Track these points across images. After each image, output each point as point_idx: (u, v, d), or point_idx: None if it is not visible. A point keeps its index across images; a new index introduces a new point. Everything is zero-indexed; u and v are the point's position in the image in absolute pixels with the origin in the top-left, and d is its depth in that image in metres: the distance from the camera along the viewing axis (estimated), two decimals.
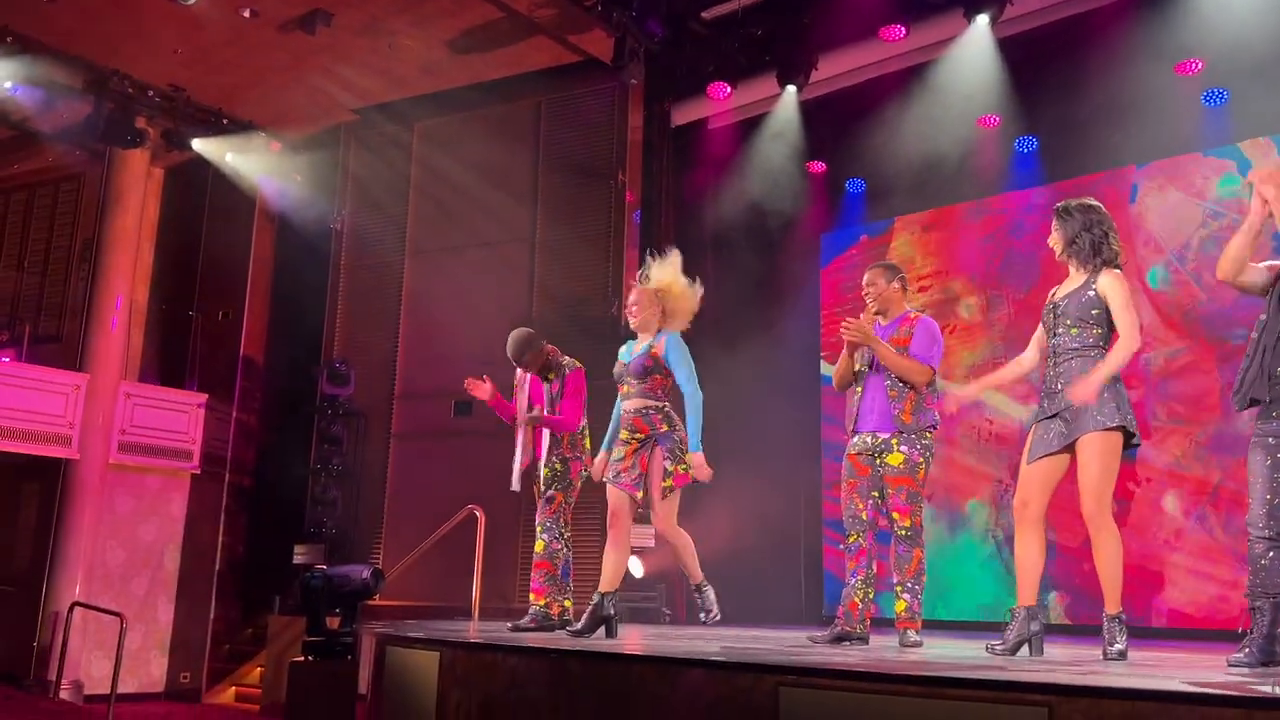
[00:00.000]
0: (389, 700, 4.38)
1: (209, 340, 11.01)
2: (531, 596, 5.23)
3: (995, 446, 8.16)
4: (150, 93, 9.92)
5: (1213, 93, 7.35)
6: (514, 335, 5.46)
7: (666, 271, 4.85)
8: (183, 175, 10.97)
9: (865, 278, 4.80)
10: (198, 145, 10.40)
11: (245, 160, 10.67)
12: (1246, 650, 3.62)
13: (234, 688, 9.82)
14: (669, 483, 4.60)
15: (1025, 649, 4.00)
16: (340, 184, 10.84)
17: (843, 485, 4.69)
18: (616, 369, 4.84)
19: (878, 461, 4.57)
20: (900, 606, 4.50)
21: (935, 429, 4.63)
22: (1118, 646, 3.89)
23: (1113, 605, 3.99)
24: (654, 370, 4.68)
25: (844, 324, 4.56)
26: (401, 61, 9.33)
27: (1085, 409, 3.96)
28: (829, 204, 9.32)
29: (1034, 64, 7.52)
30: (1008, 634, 4.02)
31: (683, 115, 9.02)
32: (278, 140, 10.78)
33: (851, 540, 4.61)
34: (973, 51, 7.39)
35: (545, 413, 5.36)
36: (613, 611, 4.58)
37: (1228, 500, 6.98)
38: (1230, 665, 3.59)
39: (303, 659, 5.00)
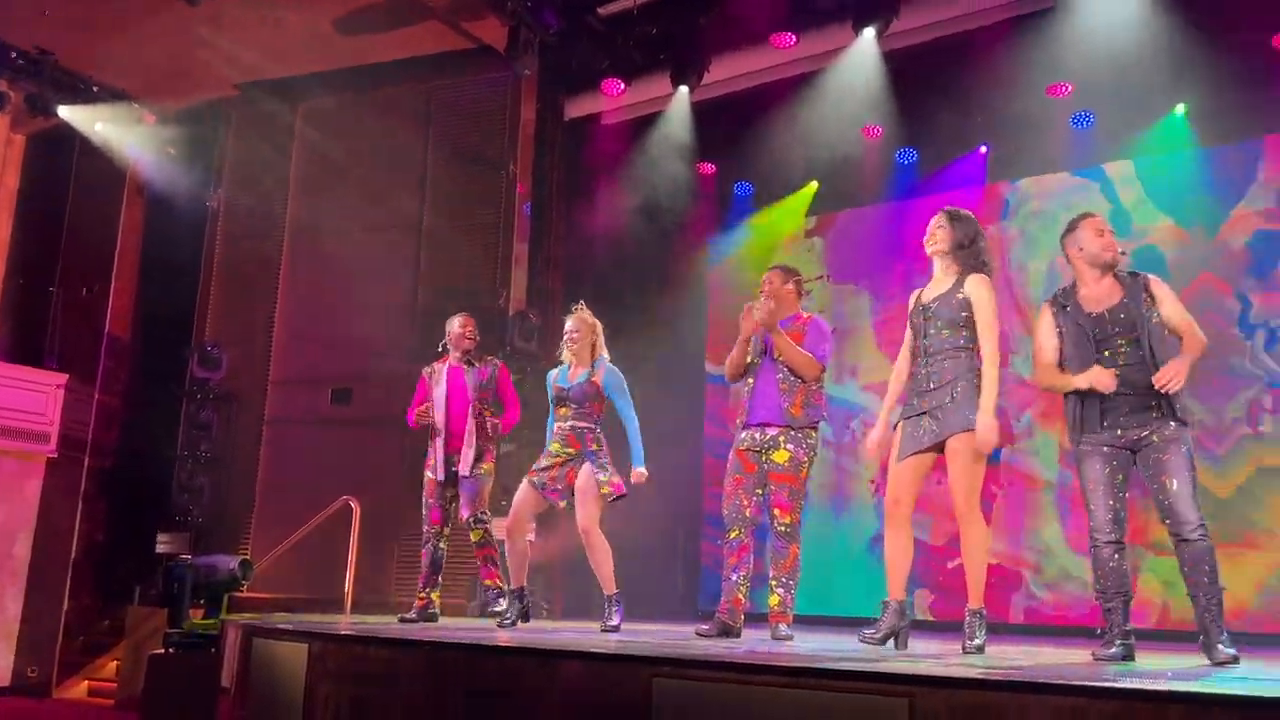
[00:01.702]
0: (254, 694, 4.24)
1: (71, 318, 10.47)
2: (489, 581, 5.53)
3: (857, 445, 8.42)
4: (14, 54, 9.36)
5: (1080, 115, 7.75)
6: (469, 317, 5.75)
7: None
8: (47, 143, 10.40)
9: (764, 276, 4.92)
10: (64, 113, 9.86)
11: (116, 131, 10.16)
12: (1110, 646, 3.87)
13: (87, 682, 9.36)
14: (607, 490, 5.02)
15: (892, 641, 4.14)
16: (218, 161, 10.44)
17: (727, 480, 4.79)
18: (556, 392, 5.22)
19: (764, 458, 4.68)
20: (774, 601, 4.61)
21: (816, 427, 4.75)
22: (977, 641, 4.05)
23: (975, 600, 4.15)
24: (594, 397, 5.15)
25: (751, 305, 4.69)
26: (286, 38, 9.03)
27: (956, 408, 4.11)
28: (718, 205, 9.46)
29: (917, 78, 7.77)
30: (879, 625, 4.16)
31: (576, 109, 8.99)
32: (152, 112, 10.30)
33: (733, 536, 4.70)
34: (860, 63, 7.59)
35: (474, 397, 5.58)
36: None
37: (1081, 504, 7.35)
38: (1096, 658, 3.82)
39: (163, 651, 4.81)
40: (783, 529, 4.61)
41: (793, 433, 4.64)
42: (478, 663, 3.25)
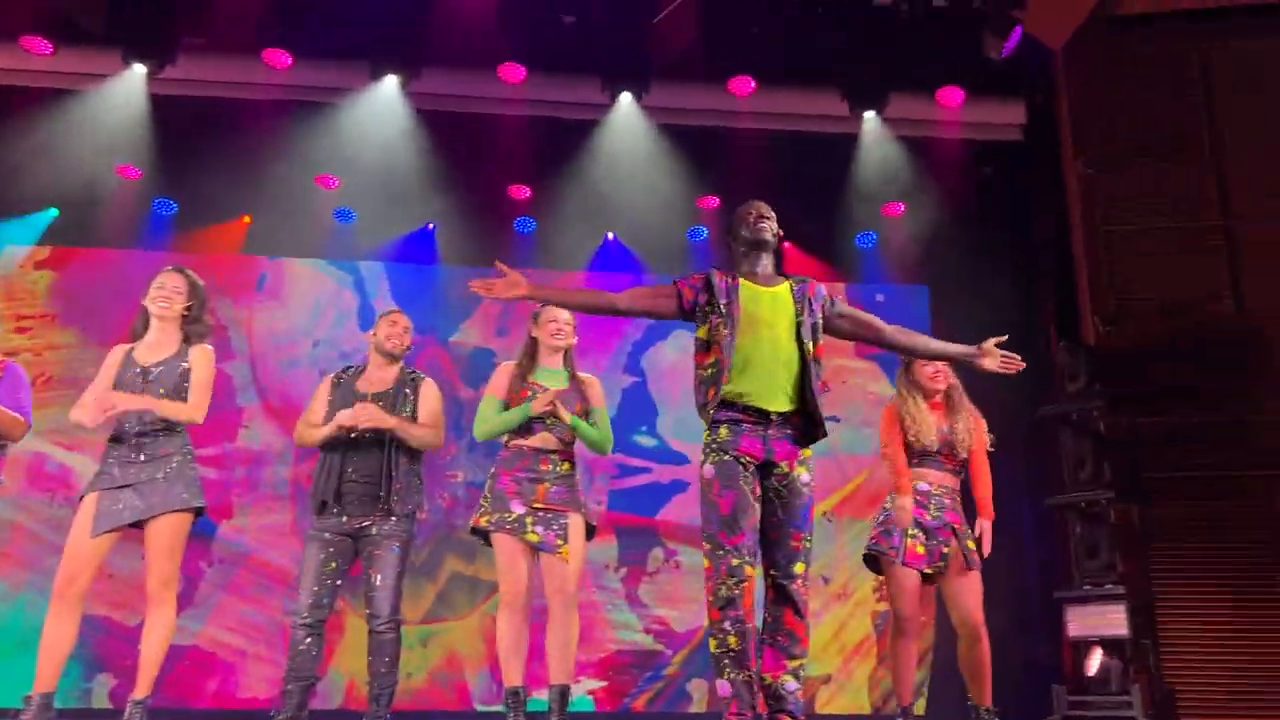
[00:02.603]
0: None
1: None
2: None
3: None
4: None
5: (343, 211, 8.13)
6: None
7: None
8: None
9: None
10: None
11: None
12: None
13: None
14: None
15: None
16: None
17: None
18: None
19: None
20: None
21: None
22: None
23: (142, 690, 3.93)
24: None
25: None
26: None
27: (169, 486, 3.90)
28: None
29: (192, 130, 7.46)
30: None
31: None
32: None
33: None
34: (124, 97, 7.04)
35: None
36: None
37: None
38: None
39: None
40: None
41: None
42: None
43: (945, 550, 4.38)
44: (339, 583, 4.15)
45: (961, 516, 4.49)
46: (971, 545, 4.42)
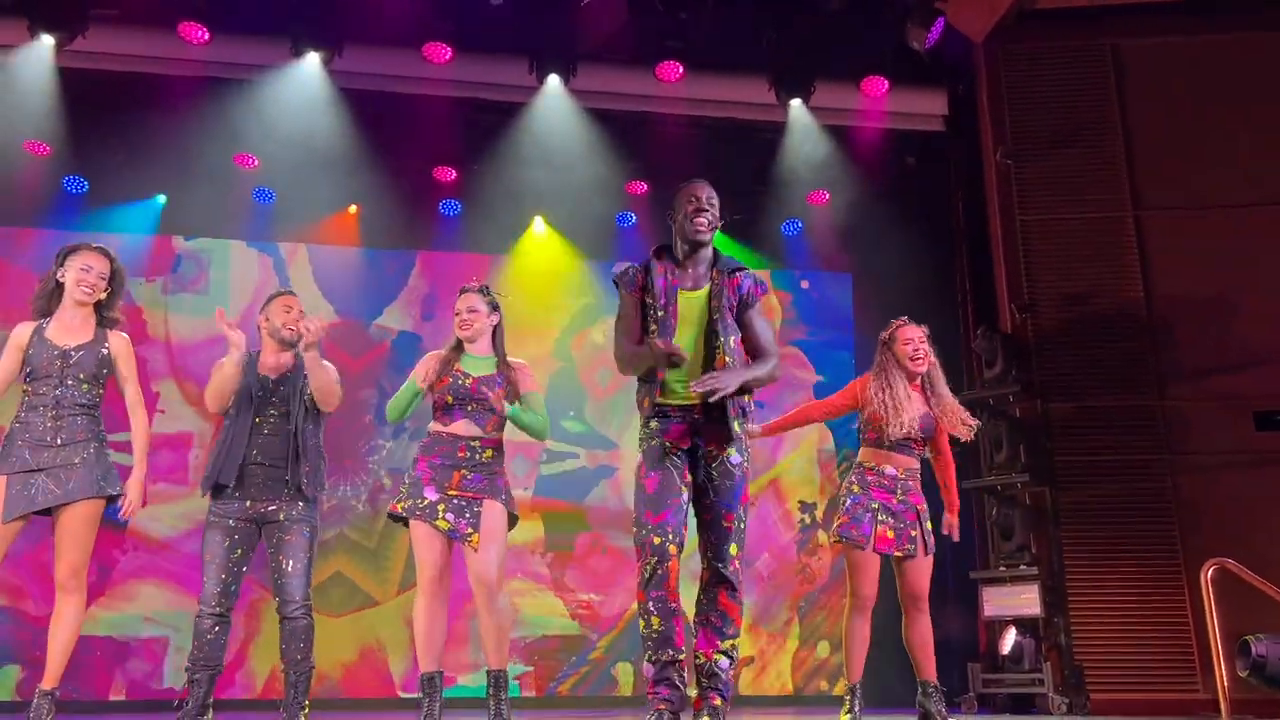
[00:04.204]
0: None
1: None
2: None
3: None
4: None
5: (263, 190, 7.94)
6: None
7: None
8: None
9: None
10: None
11: None
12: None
13: None
14: None
15: None
16: None
17: None
18: None
19: None
20: None
21: None
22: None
23: (50, 681, 3.83)
24: None
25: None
26: None
27: (87, 472, 3.81)
28: None
29: (100, 105, 7.22)
30: None
31: None
32: None
33: None
34: (32, 70, 6.78)
35: None
36: None
37: None
38: None
39: None
40: None
41: None
42: None
43: (913, 534, 4.37)
44: (244, 569, 4.07)
45: (923, 498, 4.50)
46: (929, 528, 4.44)
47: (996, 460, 6.78)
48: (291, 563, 4.03)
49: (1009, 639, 6.49)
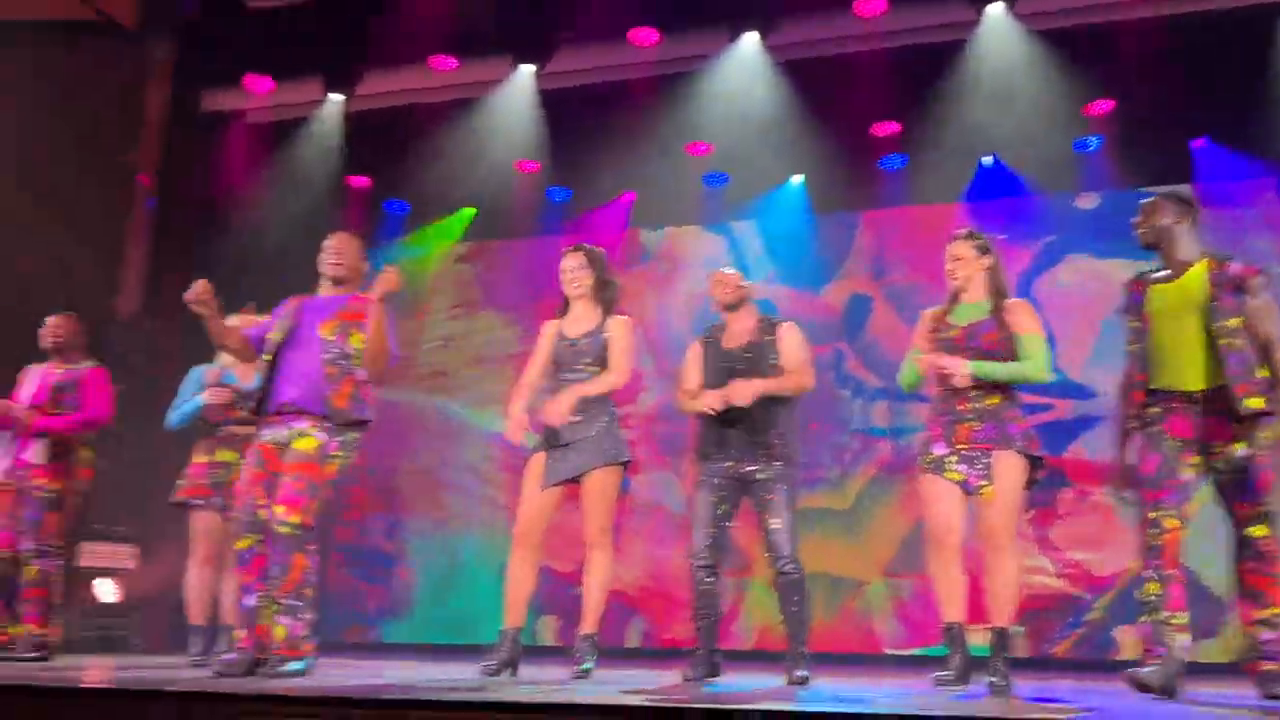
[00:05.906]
0: None
1: None
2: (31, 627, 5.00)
3: (504, 472, 8.41)
4: None
5: (714, 175, 8.38)
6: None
7: None
8: None
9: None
10: None
11: None
12: (697, 665, 4.18)
13: None
14: None
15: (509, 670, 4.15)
16: None
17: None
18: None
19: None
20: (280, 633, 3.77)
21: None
22: (586, 665, 4.18)
23: (589, 626, 4.30)
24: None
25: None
26: None
27: (597, 444, 4.26)
28: (368, 221, 9.15)
29: (571, 120, 8.05)
30: (498, 653, 4.15)
31: (214, 103, 8.36)
32: None
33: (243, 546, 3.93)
34: (518, 97, 7.74)
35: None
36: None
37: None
38: (685, 679, 4.11)
39: None
40: (285, 531, 3.80)
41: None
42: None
43: None
44: (729, 524, 4.33)
45: None
46: None
47: None
48: (774, 520, 4.24)
49: None
